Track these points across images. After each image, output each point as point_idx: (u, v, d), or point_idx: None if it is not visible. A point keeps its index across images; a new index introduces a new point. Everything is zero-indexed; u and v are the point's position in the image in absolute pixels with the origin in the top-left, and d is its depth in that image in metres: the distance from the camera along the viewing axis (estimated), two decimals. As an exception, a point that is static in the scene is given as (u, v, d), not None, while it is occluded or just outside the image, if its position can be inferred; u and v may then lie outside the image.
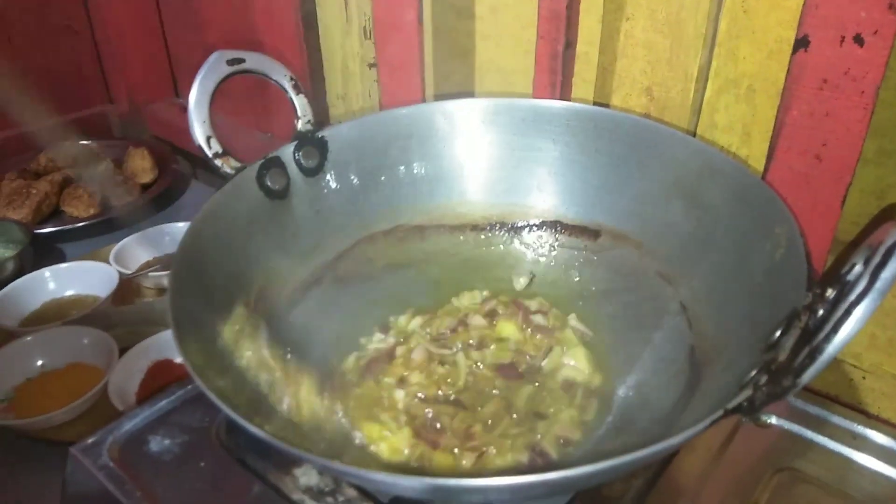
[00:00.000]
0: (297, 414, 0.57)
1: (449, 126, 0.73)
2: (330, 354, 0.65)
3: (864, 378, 0.68)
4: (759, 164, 0.69)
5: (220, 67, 0.62)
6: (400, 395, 0.60)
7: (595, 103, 0.76)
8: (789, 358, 0.40)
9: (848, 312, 0.34)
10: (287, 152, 0.68)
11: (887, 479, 0.58)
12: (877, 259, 0.34)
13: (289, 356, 0.60)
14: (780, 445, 0.61)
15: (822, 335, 0.35)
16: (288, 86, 0.67)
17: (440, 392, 0.60)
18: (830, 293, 0.43)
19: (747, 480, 0.57)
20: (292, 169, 0.68)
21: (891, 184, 0.70)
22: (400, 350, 0.65)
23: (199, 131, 0.62)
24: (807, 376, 0.36)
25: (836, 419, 0.62)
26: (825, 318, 0.43)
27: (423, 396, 0.60)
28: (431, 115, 0.73)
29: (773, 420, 0.62)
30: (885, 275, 0.34)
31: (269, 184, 0.66)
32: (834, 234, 0.66)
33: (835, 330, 0.35)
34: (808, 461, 0.59)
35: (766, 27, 0.67)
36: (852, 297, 0.34)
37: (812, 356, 0.35)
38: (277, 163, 0.67)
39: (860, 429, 0.61)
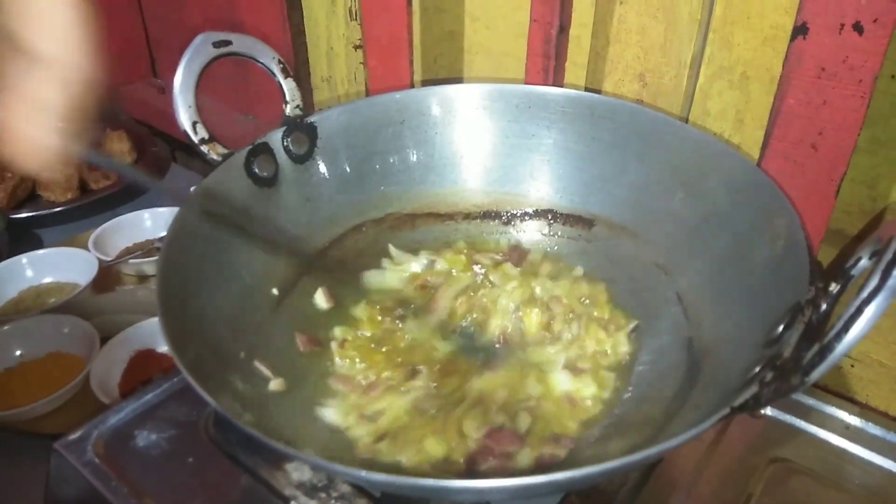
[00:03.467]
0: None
1: (442, 112, 0.72)
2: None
3: (852, 366, 0.69)
4: (751, 152, 0.68)
5: (205, 50, 0.60)
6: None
7: (587, 89, 0.75)
8: (795, 354, 0.39)
9: (859, 311, 0.34)
10: (275, 138, 0.66)
11: (880, 469, 0.58)
12: (889, 255, 0.34)
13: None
14: (774, 436, 0.61)
15: (832, 333, 0.35)
16: (276, 69, 0.65)
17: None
18: (834, 287, 0.42)
19: (741, 471, 0.57)
20: (281, 156, 0.66)
21: (882, 173, 0.70)
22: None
23: (185, 117, 0.60)
24: (816, 374, 0.35)
25: (830, 409, 0.62)
26: (829, 313, 0.43)
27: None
28: (424, 101, 0.71)
29: (768, 411, 0.62)
30: (899, 272, 0.33)
31: (257, 171, 0.64)
32: (828, 223, 0.66)
33: (846, 328, 0.34)
34: (802, 452, 0.59)
35: (762, 13, 0.66)
36: (864, 294, 0.34)
37: (822, 354, 0.35)
38: (266, 149, 0.65)
39: (853, 419, 0.61)
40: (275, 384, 0.57)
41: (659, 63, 0.72)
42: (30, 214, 1.07)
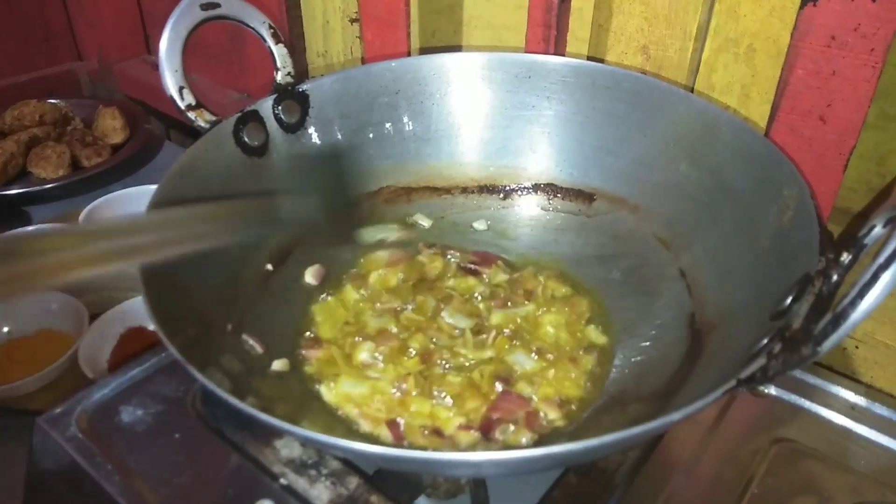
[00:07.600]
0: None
1: (439, 81, 0.69)
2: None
3: (856, 347, 0.67)
4: (757, 126, 0.67)
5: (193, 12, 0.58)
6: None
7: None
8: (805, 325, 0.38)
9: (875, 277, 0.32)
10: (266, 106, 0.64)
11: (887, 450, 0.56)
12: (907, 220, 0.32)
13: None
14: (777, 416, 0.59)
15: (846, 301, 0.33)
16: (266, 34, 0.63)
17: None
18: (846, 257, 0.41)
19: (744, 452, 0.56)
20: (271, 124, 0.64)
21: (891, 149, 0.69)
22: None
23: (171, 81, 0.58)
24: (829, 344, 0.34)
25: (834, 389, 0.61)
26: (839, 284, 0.41)
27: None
28: (420, 70, 0.69)
29: (771, 390, 0.61)
30: (917, 237, 0.32)
31: (246, 139, 0.62)
32: (835, 200, 0.64)
33: (861, 295, 0.32)
34: (806, 432, 0.58)
35: (771, -18, 0.64)
36: (880, 260, 0.32)
37: (836, 322, 0.33)
38: (255, 117, 0.63)
39: (859, 399, 0.60)
40: (278, 364, 0.56)
41: (663, 35, 0.70)
42: (19, 191, 1.05)
